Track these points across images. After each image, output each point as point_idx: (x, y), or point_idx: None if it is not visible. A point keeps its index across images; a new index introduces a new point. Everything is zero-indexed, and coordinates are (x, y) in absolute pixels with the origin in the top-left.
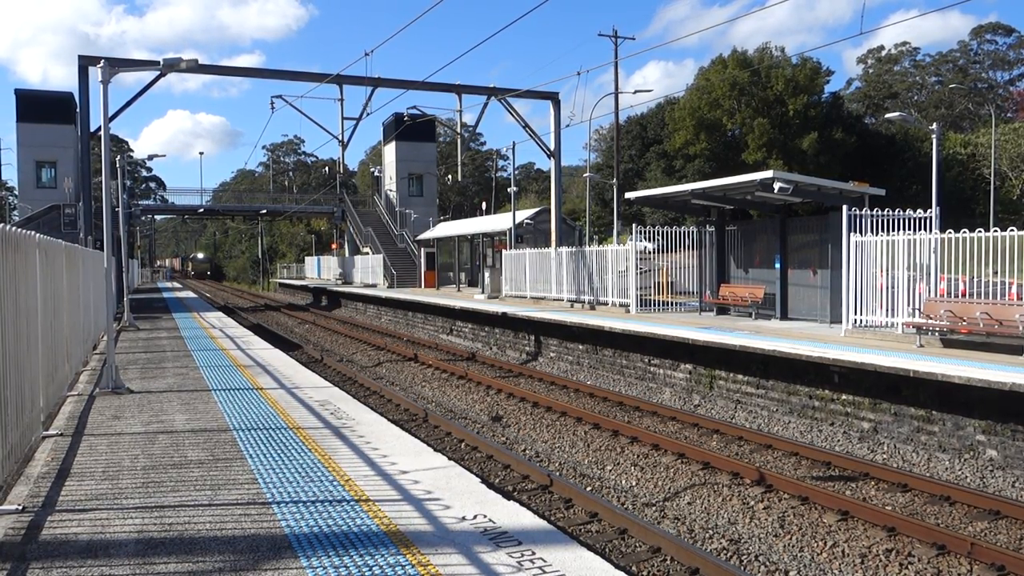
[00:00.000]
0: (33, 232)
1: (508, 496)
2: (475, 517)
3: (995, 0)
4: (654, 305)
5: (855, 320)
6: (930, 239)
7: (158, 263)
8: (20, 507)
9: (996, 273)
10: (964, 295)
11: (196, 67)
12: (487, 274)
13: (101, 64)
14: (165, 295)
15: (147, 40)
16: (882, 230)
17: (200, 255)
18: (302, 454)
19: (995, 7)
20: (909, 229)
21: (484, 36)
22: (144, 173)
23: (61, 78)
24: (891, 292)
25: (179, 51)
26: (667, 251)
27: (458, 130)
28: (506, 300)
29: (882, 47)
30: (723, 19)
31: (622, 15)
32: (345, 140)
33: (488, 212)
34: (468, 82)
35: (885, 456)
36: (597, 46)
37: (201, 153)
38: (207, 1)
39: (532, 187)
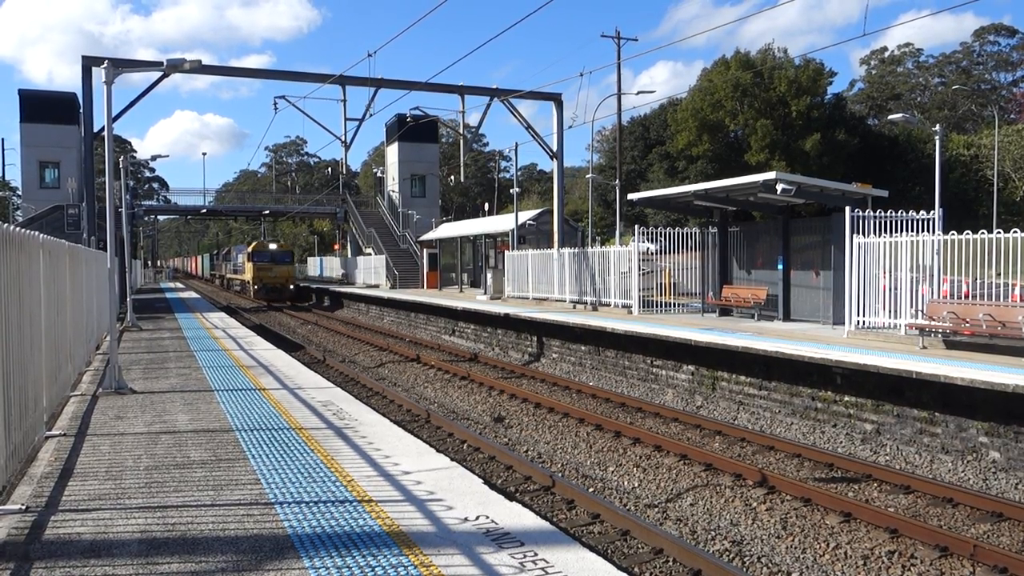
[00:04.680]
0: (37, 232)
1: (510, 497)
2: (477, 518)
3: (1008, 2)
4: (656, 306)
5: (858, 321)
6: (933, 240)
7: (161, 263)
8: (23, 507)
9: (999, 275)
10: (967, 297)
11: (199, 68)
12: (489, 275)
13: (104, 65)
14: (168, 295)
15: (155, 40)
16: (885, 231)
17: (273, 246)
18: (305, 455)
19: (1009, 8)
20: (912, 230)
21: (488, 37)
22: (147, 173)
23: (66, 77)
24: (894, 293)
25: (187, 51)
26: (669, 252)
27: (461, 131)
28: (508, 301)
29: (885, 48)
30: (732, 19)
31: (631, 14)
32: (348, 141)
33: (491, 213)
34: (471, 83)
35: (888, 458)
36: (603, 46)
37: (204, 154)
38: (216, 1)
39: (535, 188)
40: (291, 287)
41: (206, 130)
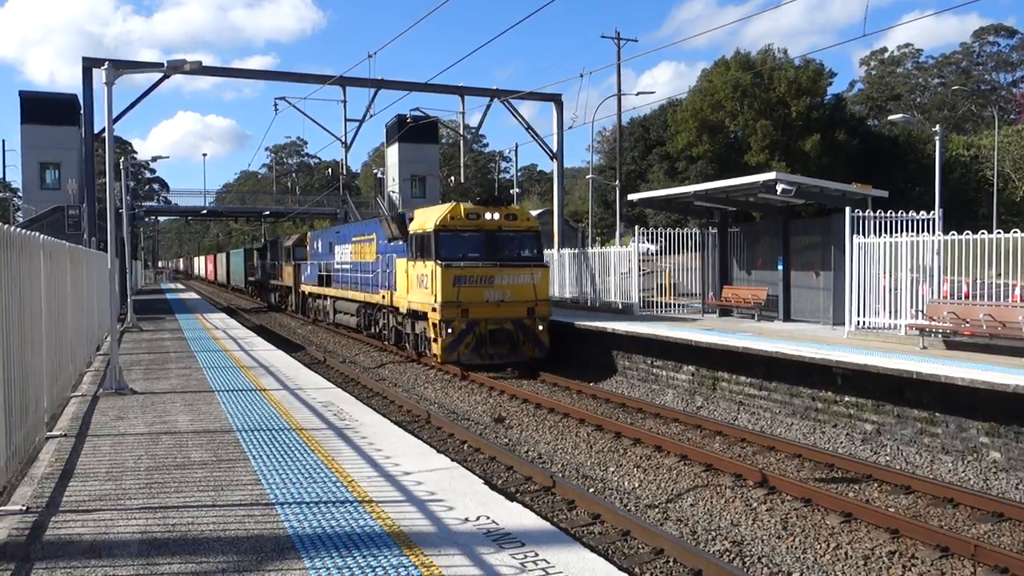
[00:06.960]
0: (37, 233)
1: (511, 497)
2: (478, 518)
3: (1010, 3)
4: (657, 307)
5: (858, 322)
6: (933, 241)
7: (164, 264)
8: (24, 507)
9: (999, 275)
10: (967, 297)
11: (199, 69)
12: None
13: (105, 66)
14: (168, 296)
15: (157, 40)
16: (885, 232)
17: (493, 215)
18: (305, 455)
19: (1012, 10)
20: (912, 231)
21: (488, 38)
22: (148, 174)
23: (67, 79)
24: (894, 294)
25: (190, 52)
26: (669, 253)
27: (461, 132)
28: None
29: (885, 49)
30: (735, 20)
31: (634, 15)
32: (348, 142)
33: None
34: (472, 84)
35: (888, 458)
36: (604, 47)
37: (205, 155)
38: (219, 2)
39: (535, 189)
40: (540, 327)
41: (208, 131)
